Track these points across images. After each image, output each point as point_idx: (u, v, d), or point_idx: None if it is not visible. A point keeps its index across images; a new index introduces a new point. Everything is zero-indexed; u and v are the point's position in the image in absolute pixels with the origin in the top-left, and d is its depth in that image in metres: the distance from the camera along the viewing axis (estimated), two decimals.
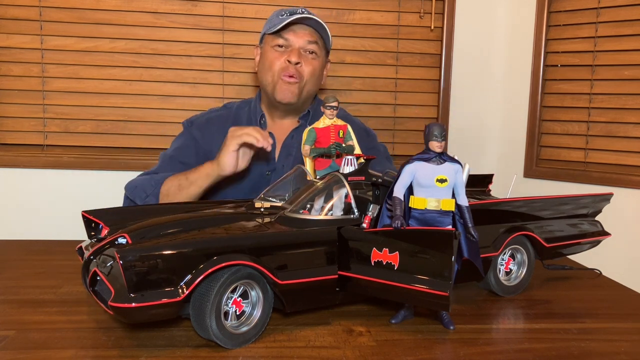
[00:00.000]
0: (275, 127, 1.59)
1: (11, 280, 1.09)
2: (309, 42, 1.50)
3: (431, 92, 2.33)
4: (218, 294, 0.77)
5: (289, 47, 1.50)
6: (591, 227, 1.18)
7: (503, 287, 1.06)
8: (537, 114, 2.25)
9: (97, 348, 0.79)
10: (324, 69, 1.61)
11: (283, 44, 1.50)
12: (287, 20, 1.46)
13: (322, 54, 1.56)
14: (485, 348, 0.83)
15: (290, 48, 1.50)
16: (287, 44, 1.50)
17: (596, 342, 0.87)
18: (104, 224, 0.93)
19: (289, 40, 1.50)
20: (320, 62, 1.56)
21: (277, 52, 1.51)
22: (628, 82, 2.05)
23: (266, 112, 1.61)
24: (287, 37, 1.49)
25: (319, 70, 1.56)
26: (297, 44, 1.50)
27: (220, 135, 1.43)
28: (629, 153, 2.07)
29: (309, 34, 1.50)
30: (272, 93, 1.52)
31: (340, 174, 0.96)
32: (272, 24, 1.51)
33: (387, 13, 2.25)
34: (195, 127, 1.58)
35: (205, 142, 1.54)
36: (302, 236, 0.88)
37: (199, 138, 1.56)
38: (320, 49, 1.54)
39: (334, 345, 0.82)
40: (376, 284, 0.84)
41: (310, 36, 1.50)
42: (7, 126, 2.13)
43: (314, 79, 1.54)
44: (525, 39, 2.27)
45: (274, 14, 1.54)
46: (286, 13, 1.49)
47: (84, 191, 2.14)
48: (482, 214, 0.99)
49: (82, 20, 2.09)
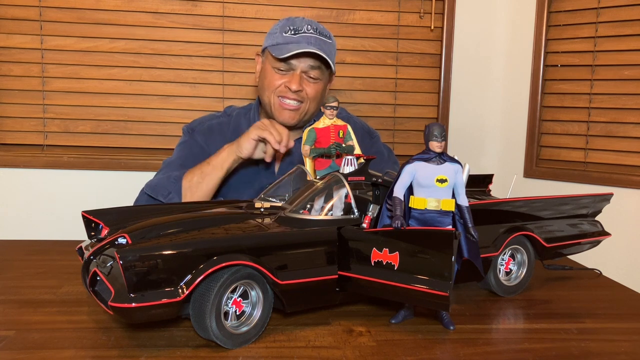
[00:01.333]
0: None
1: (11, 280, 1.09)
2: (311, 67, 1.45)
3: (431, 92, 2.33)
4: (218, 294, 0.77)
5: (290, 70, 1.45)
6: (591, 227, 1.18)
7: (503, 287, 1.06)
8: (537, 114, 2.25)
9: (97, 348, 0.79)
10: (326, 87, 1.56)
11: (284, 68, 1.46)
12: (290, 53, 1.41)
13: (325, 76, 1.51)
14: (485, 348, 0.83)
15: (292, 72, 1.45)
16: (288, 67, 1.45)
17: (596, 342, 0.87)
18: (104, 224, 0.93)
19: (290, 64, 1.45)
20: (323, 84, 1.51)
21: (278, 75, 1.47)
22: (628, 82, 2.05)
23: None
24: (289, 62, 1.45)
25: (322, 91, 1.51)
26: (299, 68, 1.45)
27: (221, 143, 1.43)
28: (629, 153, 2.07)
29: (312, 60, 1.45)
30: (271, 113, 1.50)
31: (340, 174, 0.96)
32: (275, 41, 1.45)
33: (387, 13, 2.25)
34: (198, 133, 1.56)
35: (209, 148, 1.53)
36: (302, 236, 0.88)
37: (204, 144, 1.54)
38: (323, 72, 1.49)
39: (334, 345, 0.82)
40: (376, 284, 0.84)
41: (313, 61, 1.45)
42: (7, 126, 2.13)
43: (316, 101, 1.50)
44: (525, 39, 2.27)
45: (278, 28, 1.47)
46: (290, 30, 1.44)
47: (84, 191, 2.14)
48: (482, 214, 0.99)
49: (82, 20, 2.09)
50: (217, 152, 1.40)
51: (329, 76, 1.55)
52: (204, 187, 1.37)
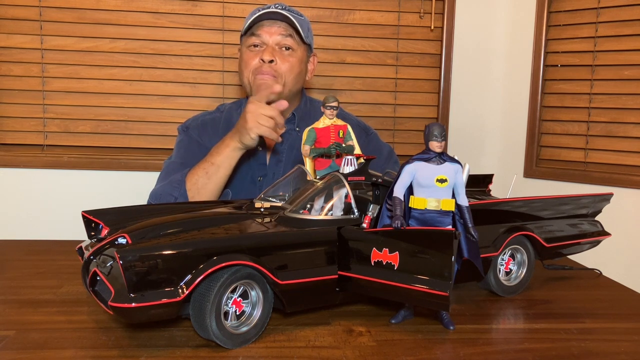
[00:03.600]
0: None
1: (11, 280, 1.09)
2: (282, 36, 1.45)
3: (431, 92, 2.33)
4: (218, 294, 0.77)
5: (263, 45, 1.46)
6: (591, 227, 1.18)
7: (503, 287, 1.06)
8: (537, 114, 2.25)
9: (97, 348, 0.79)
10: (305, 63, 1.54)
11: (257, 43, 1.46)
12: (254, 16, 1.43)
13: (301, 48, 1.50)
14: (485, 348, 0.83)
15: (265, 47, 1.46)
16: (261, 41, 1.46)
17: (596, 342, 0.87)
18: (104, 224, 0.93)
19: (261, 37, 1.45)
20: (299, 57, 1.49)
21: (252, 52, 1.47)
22: (628, 82, 2.05)
23: None
24: (259, 33, 1.45)
25: (298, 65, 1.49)
26: (271, 41, 1.45)
27: (215, 138, 1.42)
28: (629, 153, 2.07)
29: (282, 29, 1.45)
30: (250, 93, 1.49)
31: (340, 174, 0.96)
32: (246, 24, 1.48)
33: (387, 13, 2.25)
34: (192, 129, 1.57)
35: (204, 141, 1.54)
36: (302, 236, 0.88)
37: (199, 139, 1.55)
38: (298, 43, 1.48)
39: (334, 345, 0.82)
40: (376, 284, 0.84)
41: (283, 30, 1.45)
42: (7, 126, 2.13)
43: (294, 75, 1.48)
44: (525, 39, 2.27)
45: (250, 14, 1.49)
46: (258, 11, 1.46)
47: (84, 191, 2.14)
48: (482, 214, 0.99)
49: (82, 20, 2.09)
50: (218, 149, 1.38)
51: (307, 53, 1.53)
52: (210, 188, 1.36)
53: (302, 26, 1.48)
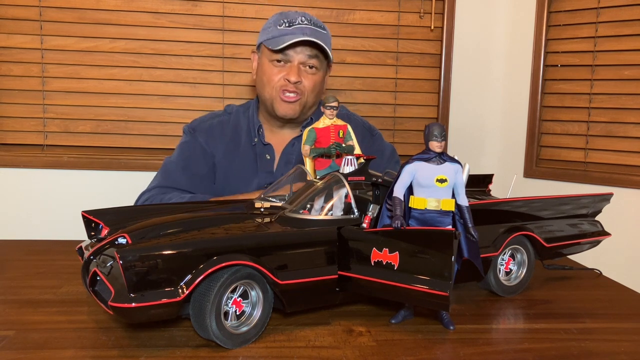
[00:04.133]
0: (274, 137, 1.57)
1: (11, 280, 1.09)
2: (309, 56, 1.46)
3: (431, 92, 2.33)
4: (218, 294, 0.77)
5: (287, 62, 1.46)
6: (591, 227, 1.18)
7: (503, 287, 1.06)
8: (537, 114, 2.25)
9: (97, 348, 0.79)
10: (325, 79, 1.56)
11: (282, 59, 1.46)
12: (287, 43, 1.41)
13: (323, 66, 1.52)
14: (485, 348, 0.83)
15: (289, 64, 1.46)
16: (286, 59, 1.46)
17: (596, 342, 0.87)
18: (104, 224, 0.93)
19: (287, 55, 1.45)
20: (321, 75, 1.52)
21: (276, 68, 1.47)
22: (628, 82, 2.05)
23: (264, 122, 1.58)
24: (286, 52, 1.45)
25: (320, 83, 1.52)
26: (297, 60, 1.45)
27: (221, 142, 1.42)
28: (629, 153, 2.07)
29: (309, 50, 1.45)
30: (271, 108, 1.50)
31: (340, 174, 0.96)
32: (270, 35, 1.46)
33: (387, 13, 2.25)
34: (199, 133, 1.56)
35: (209, 147, 1.54)
36: (302, 236, 0.88)
37: (205, 144, 1.54)
38: (321, 62, 1.49)
39: (334, 345, 0.82)
40: (376, 284, 0.84)
41: (309, 51, 1.45)
42: (7, 126, 2.13)
43: (315, 92, 1.50)
44: (525, 39, 2.27)
45: (272, 22, 1.48)
46: (285, 23, 1.44)
47: (84, 191, 2.14)
48: (482, 214, 0.99)
49: (82, 20, 2.09)
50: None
51: (326, 66, 1.55)
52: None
53: (326, 44, 1.47)
